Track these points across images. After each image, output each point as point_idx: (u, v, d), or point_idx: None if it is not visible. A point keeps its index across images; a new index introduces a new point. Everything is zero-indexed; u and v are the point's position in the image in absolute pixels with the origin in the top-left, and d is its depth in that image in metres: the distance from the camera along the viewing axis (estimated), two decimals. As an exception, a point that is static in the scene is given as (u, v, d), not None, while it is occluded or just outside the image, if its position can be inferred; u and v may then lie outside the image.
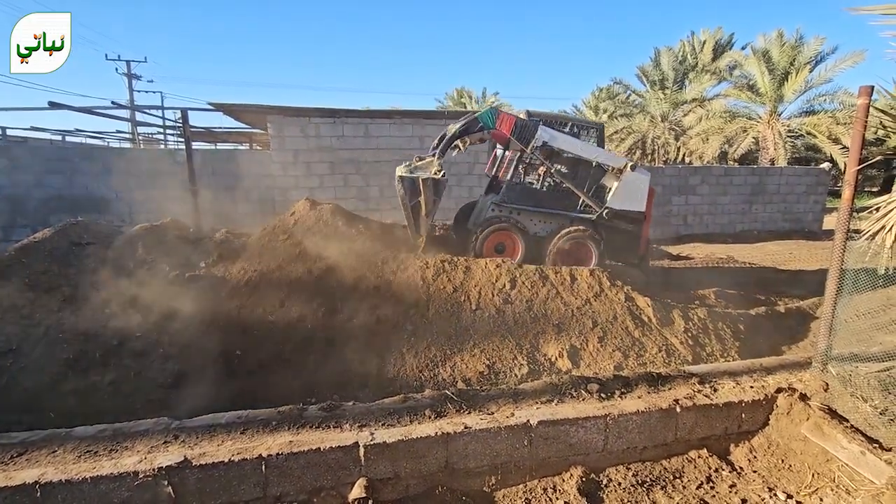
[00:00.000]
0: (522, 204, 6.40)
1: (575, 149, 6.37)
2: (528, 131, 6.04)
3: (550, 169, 6.40)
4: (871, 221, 2.83)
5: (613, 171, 6.47)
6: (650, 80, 24.92)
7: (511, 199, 6.39)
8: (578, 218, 6.44)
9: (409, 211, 5.72)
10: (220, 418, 2.62)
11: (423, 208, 5.64)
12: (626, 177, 6.34)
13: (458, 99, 35.93)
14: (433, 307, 4.59)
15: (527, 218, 6.40)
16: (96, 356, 3.89)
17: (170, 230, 5.87)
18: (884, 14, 2.72)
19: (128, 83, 25.84)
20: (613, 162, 6.53)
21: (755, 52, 19.92)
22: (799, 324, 5.33)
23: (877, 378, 2.93)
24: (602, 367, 4.13)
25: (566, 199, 6.47)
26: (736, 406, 2.95)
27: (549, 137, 6.11)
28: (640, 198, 6.51)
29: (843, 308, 3.13)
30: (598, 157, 6.44)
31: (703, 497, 2.55)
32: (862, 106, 2.79)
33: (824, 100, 19.50)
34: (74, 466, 2.18)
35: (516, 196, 6.44)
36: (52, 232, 5.19)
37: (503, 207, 6.33)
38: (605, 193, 6.47)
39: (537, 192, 6.73)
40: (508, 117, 6.05)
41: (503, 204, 6.33)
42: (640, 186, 6.48)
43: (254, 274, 4.82)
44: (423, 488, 2.49)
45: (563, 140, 6.28)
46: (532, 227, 6.41)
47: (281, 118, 11.10)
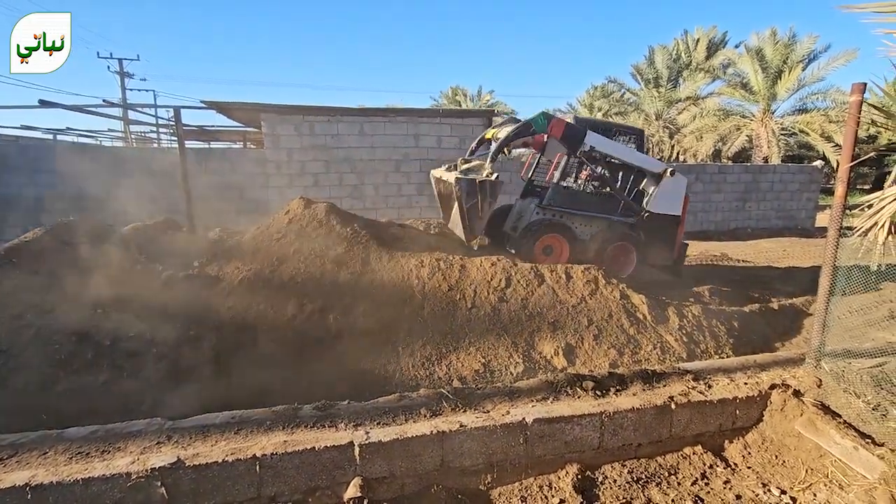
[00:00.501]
0: (567, 207, 6.54)
1: (619, 154, 6.52)
2: (577, 136, 6.15)
3: (595, 173, 6.55)
4: (864, 218, 2.85)
5: (653, 176, 6.65)
6: (644, 79, 25.01)
7: (556, 202, 6.50)
8: (619, 221, 6.63)
9: (465, 212, 5.75)
10: (213, 418, 2.60)
11: (479, 210, 5.72)
12: (666, 182, 6.56)
13: (453, 97, 35.87)
14: (428, 305, 4.58)
15: (571, 221, 6.54)
16: (88, 356, 3.85)
17: (163, 229, 5.83)
18: (876, 11, 2.73)
19: (120, 81, 25.64)
20: (654, 167, 6.70)
21: (749, 51, 20.04)
22: (792, 321, 5.36)
23: (869, 374, 2.95)
24: (597, 364, 4.14)
25: (607, 203, 6.66)
26: (730, 402, 2.97)
27: (597, 142, 6.23)
28: (677, 202, 6.75)
29: (836, 304, 3.15)
30: (640, 162, 6.62)
31: (697, 493, 2.56)
32: (854, 103, 2.81)
33: (817, 98, 19.66)
34: (66, 468, 2.16)
35: (561, 199, 6.57)
36: (43, 231, 5.13)
37: (548, 211, 6.45)
38: (645, 197, 6.67)
39: (580, 195, 6.86)
40: (559, 122, 6.14)
41: (548, 207, 6.44)
42: (677, 191, 6.72)
43: (248, 273, 4.80)
44: (419, 487, 2.48)
45: (610, 145, 6.43)
46: (576, 230, 6.55)
47: (275, 116, 11.04)
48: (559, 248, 6.43)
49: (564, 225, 6.46)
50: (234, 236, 5.91)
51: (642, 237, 6.63)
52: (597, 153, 6.37)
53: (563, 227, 6.43)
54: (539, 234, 6.28)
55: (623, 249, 6.60)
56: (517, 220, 6.64)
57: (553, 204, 6.47)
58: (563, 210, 6.50)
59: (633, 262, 6.63)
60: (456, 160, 6.57)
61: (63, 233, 5.19)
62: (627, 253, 6.64)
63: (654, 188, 6.63)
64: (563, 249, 6.42)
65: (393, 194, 12.07)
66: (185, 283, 4.69)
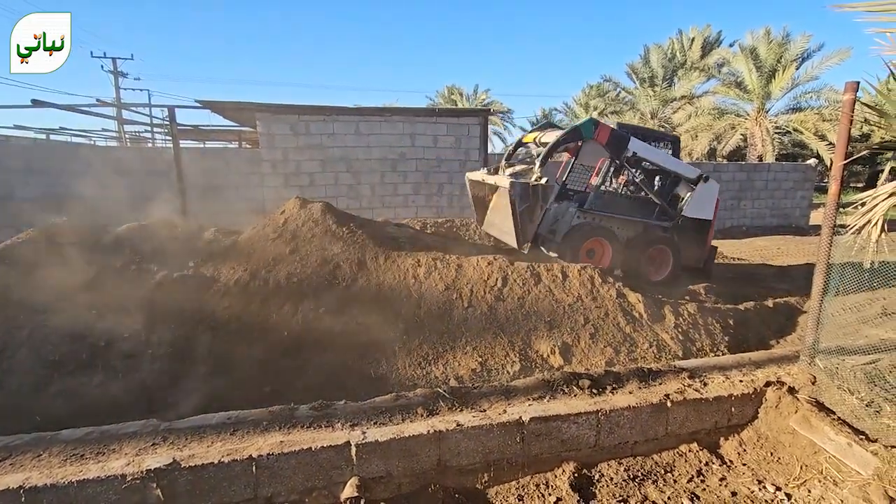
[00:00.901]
0: (607, 211, 6.72)
1: (659, 159, 6.77)
2: (621, 142, 6.31)
3: (636, 178, 6.75)
4: (857, 216, 2.86)
5: (688, 181, 6.88)
6: (640, 78, 25.08)
7: (597, 206, 6.66)
8: (655, 225, 6.85)
9: (517, 216, 5.86)
10: (209, 419, 2.59)
11: (532, 214, 5.88)
12: (700, 187, 6.83)
13: (449, 96, 35.85)
14: (425, 305, 4.58)
15: (610, 224, 6.72)
16: (83, 358, 3.83)
17: (157, 229, 5.79)
18: (868, 10, 2.75)
19: (114, 81, 25.48)
20: (689, 173, 6.95)
21: (743, 50, 20.14)
22: (787, 318, 5.40)
23: (863, 370, 2.97)
24: (594, 363, 4.15)
25: (644, 207, 6.90)
26: (725, 400, 2.98)
27: (639, 148, 6.43)
28: (710, 207, 7.02)
29: (830, 302, 3.17)
30: (677, 168, 6.89)
31: (693, 490, 2.57)
32: (848, 102, 2.83)
33: (811, 97, 19.77)
34: (60, 470, 2.15)
35: (602, 204, 6.74)
36: (36, 232, 5.10)
37: (588, 215, 6.59)
38: (679, 202, 6.92)
39: (619, 200, 7.04)
40: (605, 128, 6.28)
41: (590, 211, 6.59)
42: (710, 196, 6.98)
43: (244, 273, 4.78)
44: (416, 486, 2.48)
45: (651, 151, 6.65)
46: (618, 234, 6.74)
47: (270, 116, 11.01)
48: (601, 252, 6.64)
49: (607, 229, 6.65)
50: (229, 236, 5.88)
51: (677, 240, 6.87)
52: (638, 159, 6.58)
53: (605, 230, 6.64)
54: (584, 239, 6.46)
55: (661, 252, 6.86)
56: (554, 223, 6.80)
57: (594, 208, 6.64)
58: (603, 214, 6.69)
59: (670, 264, 6.87)
60: (453, 160, 6.65)
61: (56, 233, 5.15)
62: (665, 256, 6.88)
63: (688, 193, 6.89)
64: (606, 252, 6.62)
65: (389, 194, 12.06)
66: (179, 283, 4.67)
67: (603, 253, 6.61)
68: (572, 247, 6.34)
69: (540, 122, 36.31)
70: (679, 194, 7.00)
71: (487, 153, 12.76)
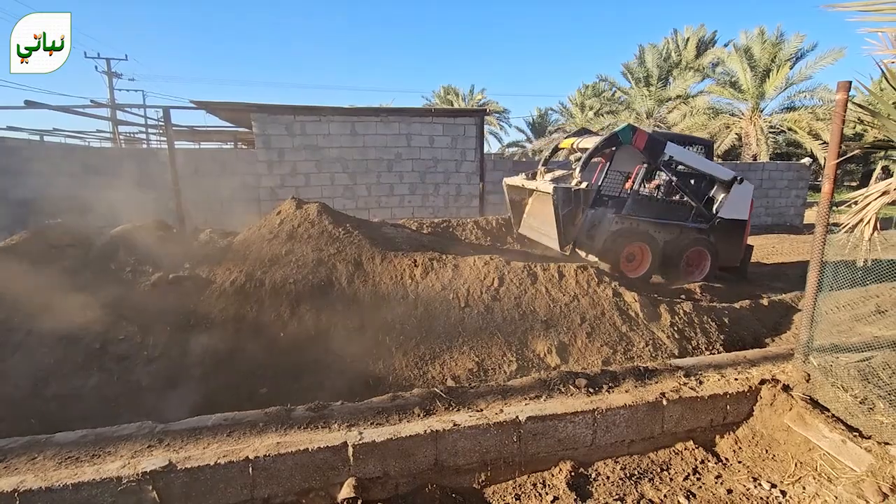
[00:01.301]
0: (644, 216, 6.86)
1: (694, 163, 6.92)
2: (658, 147, 6.48)
3: (672, 182, 6.93)
4: (850, 215, 2.88)
5: (722, 183, 7.06)
6: (635, 78, 25.13)
7: (635, 211, 6.81)
8: (692, 227, 7.00)
9: (560, 219, 6.05)
10: (205, 421, 2.58)
11: (574, 217, 6.08)
12: (735, 189, 6.99)
13: (445, 96, 35.85)
14: (421, 305, 4.58)
15: (647, 228, 6.88)
16: (78, 360, 3.81)
17: (152, 231, 5.77)
18: (860, 10, 2.76)
19: (108, 81, 25.32)
20: (724, 175, 7.08)
21: (737, 50, 20.23)
22: (782, 316, 5.43)
23: (856, 368, 2.99)
24: (590, 362, 4.16)
25: (679, 210, 7.06)
26: (721, 398, 3.00)
27: (675, 152, 6.60)
28: (744, 207, 7.17)
29: (824, 300, 3.19)
30: (712, 171, 7.06)
31: (689, 488, 2.58)
32: (840, 101, 2.84)
33: (805, 96, 19.88)
34: (55, 473, 2.13)
35: (639, 209, 6.87)
36: (30, 234, 5.07)
37: (625, 220, 6.76)
38: (714, 204, 7.11)
39: (656, 204, 7.16)
40: (643, 133, 6.48)
41: (628, 216, 6.75)
42: (745, 198, 7.14)
43: (239, 275, 4.76)
44: (413, 486, 2.48)
45: (686, 155, 6.82)
46: (656, 237, 6.92)
47: (265, 116, 10.98)
48: (641, 256, 6.85)
49: (646, 233, 6.82)
50: (225, 238, 5.86)
51: (713, 241, 7.03)
52: (674, 162, 6.75)
53: (644, 235, 6.80)
54: (624, 244, 6.64)
55: (699, 254, 7.05)
56: (591, 228, 6.97)
57: (632, 213, 6.78)
58: (641, 219, 6.84)
59: (707, 265, 7.04)
60: (449, 160, 6.70)
61: (51, 235, 5.12)
62: (703, 257, 7.05)
63: (723, 195, 7.06)
64: (645, 256, 6.83)
65: (385, 194, 12.05)
66: (175, 285, 4.65)
67: (642, 257, 6.84)
68: (613, 252, 6.57)
69: (536, 121, 36.27)
70: (714, 196, 7.22)
71: (483, 153, 12.77)
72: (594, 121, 27.39)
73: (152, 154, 12.04)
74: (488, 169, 12.72)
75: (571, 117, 32.01)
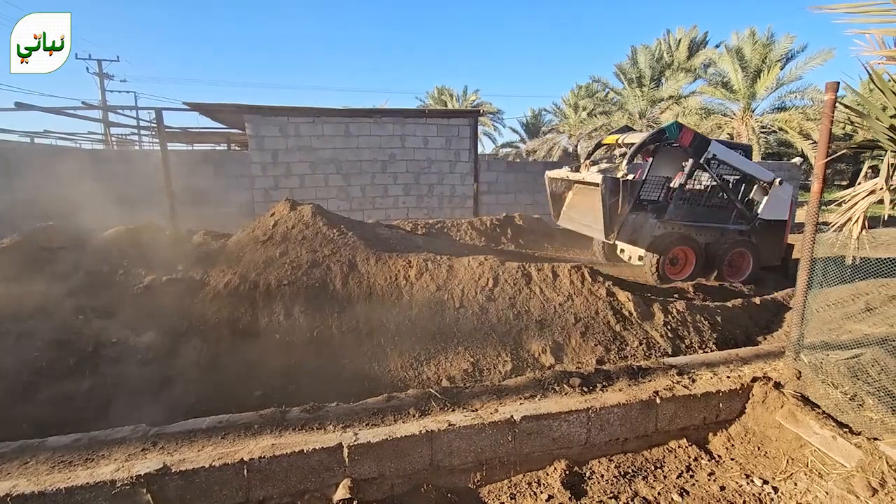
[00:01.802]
0: (687, 219, 7.04)
1: (737, 163, 7.02)
2: (703, 145, 6.66)
3: (716, 181, 7.05)
4: (839, 213, 2.92)
5: (762, 185, 7.21)
6: (628, 78, 25.25)
7: (677, 215, 6.99)
8: (733, 229, 7.16)
9: (607, 209, 6.22)
10: (200, 423, 2.57)
11: (619, 207, 6.25)
12: (775, 190, 7.14)
13: (439, 97, 35.85)
14: (416, 306, 4.58)
15: (690, 231, 7.07)
16: (70, 363, 3.78)
17: (145, 233, 5.74)
18: (847, 12, 2.80)
19: (99, 83, 25.12)
20: (765, 176, 7.23)
21: (728, 51, 20.37)
22: (774, 314, 5.48)
23: (846, 365, 3.03)
24: (584, 361, 4.18)
25: (720, 213, 7.20)
26: (714, 396, 3.02)
27: (719, 151, 6.74)
28: (785, 208, 7.34)
29: (815, 298, 3.23)
30: (754, 171, 7.21)
31: (683, 486, 2.61)
32: (829, 102, 2.88)
33: (795, 96, 20.03)
34: (48, 477, 2.12)
35: (682, 213, 7.04)
36: (22, 237, 5.03)
37: (668, 224, 6.96)
38: (755, 205, 7.28)
39: (697, 207, 7.29)
40: (689, 131, 6.66)
41: (670, 221, 6.94)
42: (785, 198, 7.31)
43: (233, 277, 4.75)
44: (409, 487, 2.49)
45: (730, 154, 6.93)
46: (699, 240, 7.10)
47: (259, 118, 10.95)
48: (685, 259, 7.02)
49: (689, 237, 6.99)
50: (218, 239, 5.84)
51: (755, 242, 7.17)
52: (717, 162, 6.86)
53: (688, 238, 6.97)
54: (669, 248, 6.81)
55: (741, 255, 7.17)
56: (633, 233, 7.11)
57: (674, 218, 6.94)
58: (684, 223, 7.00)
59: (749, 266, 7.17)
60: (443, 161, 6.72)
61: (42, 238, 5.08)
62: (745, 258, 7.19)
63: (764, 196, 7.22)
64: (689, 259, 7.00)
65: (380, 195, 12.04)
66: (168, 287, 4.63)
67: (686, 260, 7.01)
68: (657, 256, 6.73)
69: (530, 122, 36.34)
70: (754, 198, 7.40)
71: (477, 154, 12.79)
72: (587, 121, 27.48)
73: (144, 156, 11.97)
74: (482, 170, 12.75)
75: (565, 118, 32.09)
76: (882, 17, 2.67)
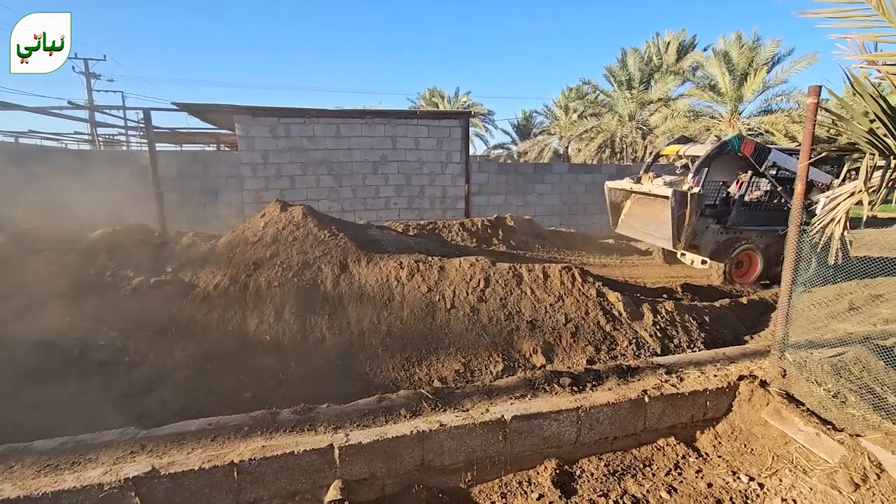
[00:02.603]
0: (747, 224, 7.26)
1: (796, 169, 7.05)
2: (763, 154, 6.92)
3: (776, 187, 7.19)
4: (822, 214, 2.98)
5: (821, 188, 7.35)
6: (617, 81, 25.47)
7: (741, 221, 7.24)
8: None
9: (675, 221, 6.46)
10: (189, 426, 2.56)
11: (687, 219, 6.48)
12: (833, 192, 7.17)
13: (430, 99, 35.86)
14: (407, 307, 4.58)
15: (750, 236, 7.26)
16: (56, 366, 3.73)
17: (133, 234, 5.68)
18: (830, 17, 2.86)
19: (86, 82, 24.77)
20: (823, 179, 7.38)
21: (716, 54, 20.64)
22: (761, 314, 5.56)
23: (829, 363, 3.09)
24: (575, 361, 4.21)
25: (778, 216, 7.31)
26: (701, 394, 3.07)
27: (779, 159, 6.98)
28: None
29: (800, 298, 3.29)
30: (813, 176, 7.30)
31: (671, 483, 2.64)
32: (811, 105, 2.95)
33: (781, 99, 20.35)
34: (34, 481, 2.10)
35: (743, 218, 7.28)
36: (6, 239, 4.95)
37: (731, 229, 7.20)
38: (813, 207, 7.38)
39: (757, 212, 7.52)
40: (750, 142, 6.97)
41: (732, 226, 7.19)
42: None
43: (223, 278, 4.72)
44: (400, 487, 2.49)
45: (789, 161, 7.10)
46: (760, 244, 7.28)
47: (248, 118, 10.87)
48: (748, 262, 7.26)
49: (752, 241, 7.20)
50: (208, 241, 5.79)
51: None
52: (776, 168, 7.09)
53: (751, 243, 7.19)
54: (734, 252, 7.11)
55: None
56: (693, 238, 7.24)
57: (737, 223, 7.18)
58: (745, 228, 7.22)
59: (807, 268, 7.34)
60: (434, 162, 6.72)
61: (27, 240, 5.01)
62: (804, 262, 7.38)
63: (821, 198, 7.30)
64: (754, 263, 7.25)
65: (371, 196, 12.02)
66: (157, 289, 4.58)
67: (750, 263, 7.25)
68: (722, 260, 6.97)
69: (521, 124, 36.47)
70: (812, 200, 7.53)
71: (469, 155, 12.82)
72: (578, 123, 27.68)
73: (132, 156, 11.83)
74: (473, 171, 12.78)
75: (556, 120, 32.28)
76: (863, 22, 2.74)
